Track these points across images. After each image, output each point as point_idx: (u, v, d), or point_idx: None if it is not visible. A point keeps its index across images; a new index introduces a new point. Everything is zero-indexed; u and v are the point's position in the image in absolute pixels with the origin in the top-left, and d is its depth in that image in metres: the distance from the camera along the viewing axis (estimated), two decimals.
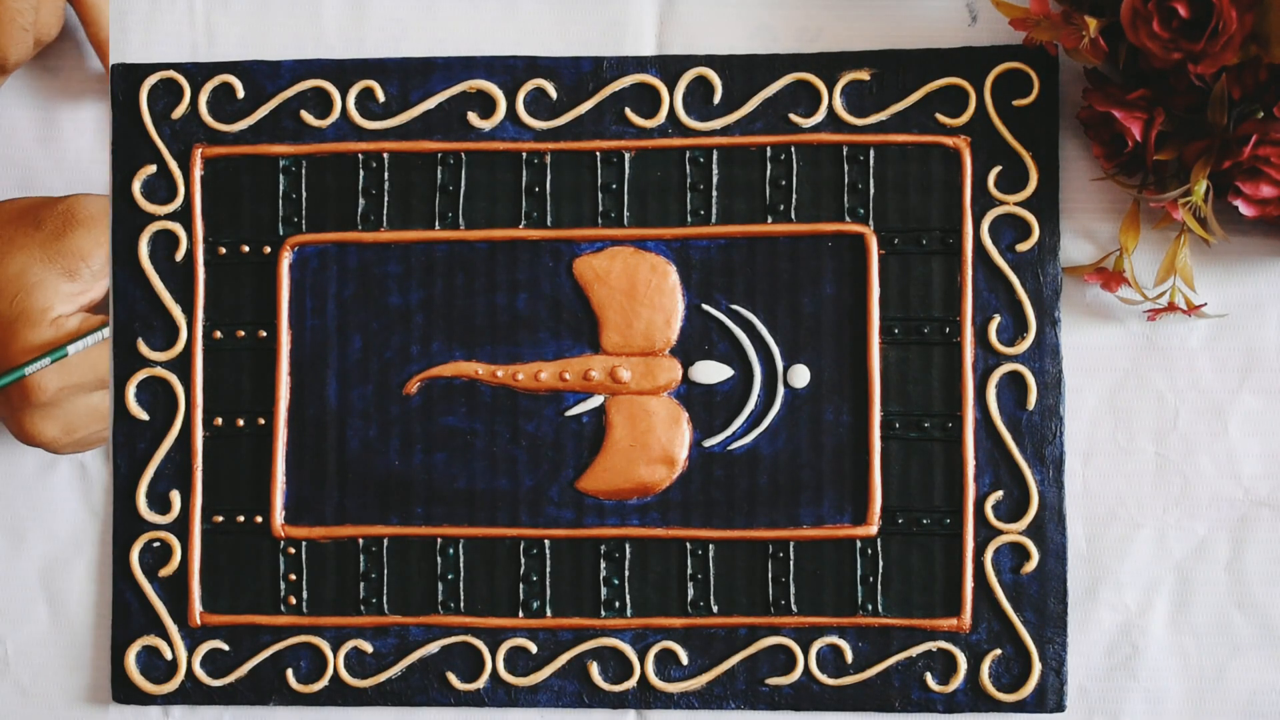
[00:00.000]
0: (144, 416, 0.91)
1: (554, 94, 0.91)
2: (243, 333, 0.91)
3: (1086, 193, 0.90)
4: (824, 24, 0.91)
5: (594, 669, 0.90)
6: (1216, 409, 0.90)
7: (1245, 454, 0.90)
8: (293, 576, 0.91)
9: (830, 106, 0.90)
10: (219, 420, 0.91)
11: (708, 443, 0.90)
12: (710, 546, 0.90)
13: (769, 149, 0.90)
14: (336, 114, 0.91)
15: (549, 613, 0.90)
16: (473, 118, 0.91)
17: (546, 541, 0.90)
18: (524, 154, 0.91)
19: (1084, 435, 0.90)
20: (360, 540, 0.91)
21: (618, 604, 0.90)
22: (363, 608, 0.90)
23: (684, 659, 0.90)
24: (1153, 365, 0.90)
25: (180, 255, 0.91)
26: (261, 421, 0.91)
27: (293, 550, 0.91)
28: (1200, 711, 0.89)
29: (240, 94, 0.92)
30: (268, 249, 0.91)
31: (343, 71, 0.91)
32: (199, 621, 0.91)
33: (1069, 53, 0.85)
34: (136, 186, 0.91)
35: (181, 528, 0.91)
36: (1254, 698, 0.89)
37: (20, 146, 0.93)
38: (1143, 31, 0.82)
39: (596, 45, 0.92)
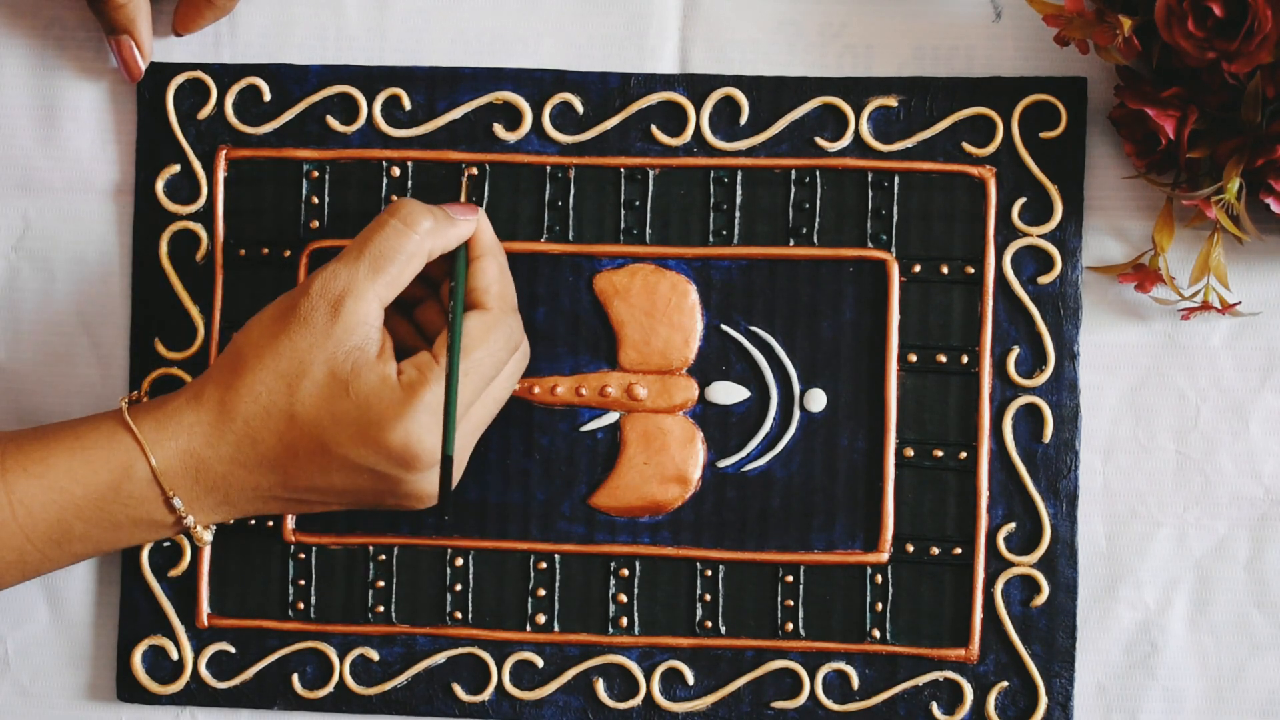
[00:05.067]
0: None
1: (580, 109, 0.91)
2: None
3: (1115, 191, 0.90)
4: (847, 19, 0.91)
5: (600, 686, 0.90)
6: (1238, 408, 0.90)
7: (1266, 453, 0.90)
8: (302, 582, 0.91)
9: (857, 131, 0.90)
10: None
11: (722, 463, 0.90)
12: (720, 567, 0.90)
13: (793, 172, 0.90)
14: (362, 120, 0.91)
15: (557, 627, 0.90)
16: (498, 129, 0.91)
17: (556, 556, 0.90)
18: (548, 167, 0.91)
19: (1105, 433, 0.90)
20: (370, 548, 0.91)
21: (625, 621, 0.90)
22: (370, 616, 0.90)
23: (690, 679, 0.90)
24: (1174, 364, 0.90)
25: (201, 256, 0.91)
26: None
27: (303, 556, 0.91)
28: (1219, 710, 0.89)
29: (267, 97, 0.92)
30: (288, 253, 0.91)
31: (369, 78, 0.91)
32: (206, 623, 0.91)
33: (1100, 51, 0.85)
34: (159, 186, 0.91)
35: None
36: (1273, 696, 0.89)
37: (20, 147, 0.93)
38: (1177, 30, 0.82)
39: (619, 32, 0.92)
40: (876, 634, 0.89)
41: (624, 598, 0.90)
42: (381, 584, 0.91)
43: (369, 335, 0.82)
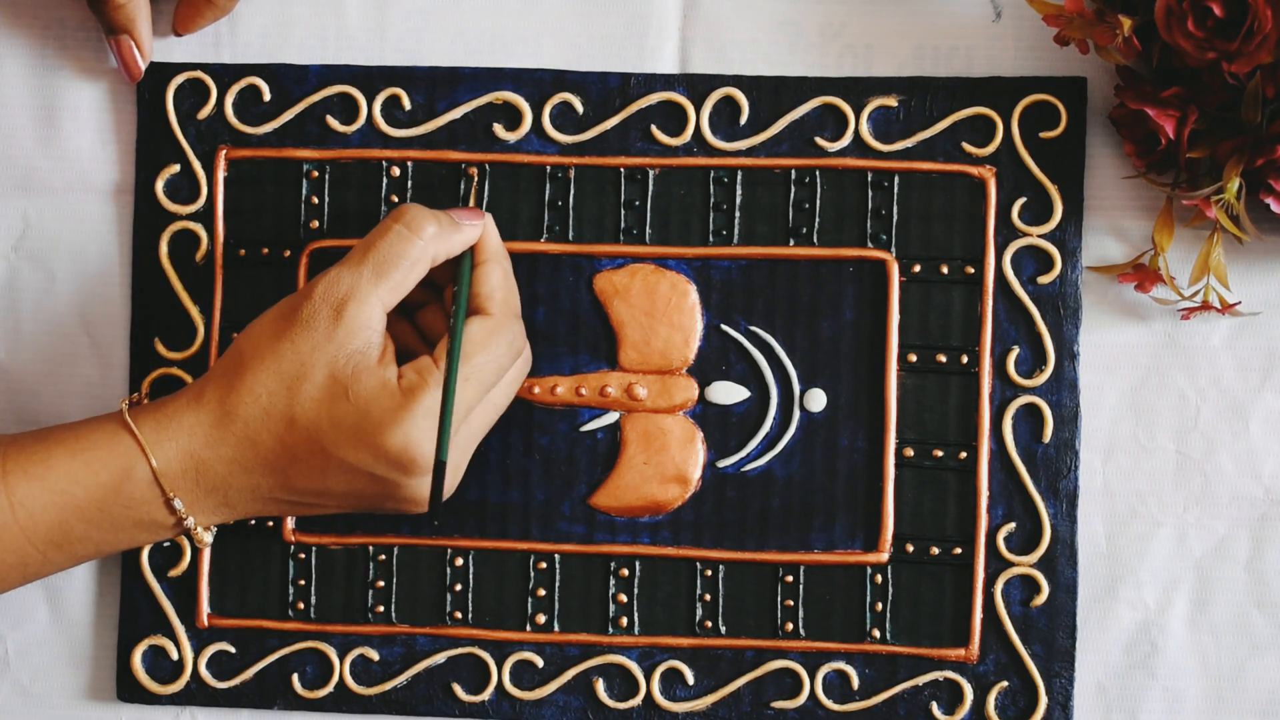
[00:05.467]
0: None
1: (580, 108, 0.91)
2: None
3: (1115, 191, 0.90)
4: (847, 19, 0.91)
5: (600, 686, 0.90)
6: (1238, 408, 0.90)
7: (1266, 453, 0.90)
8: (302, 582, 0.91)
9: (856, 131, 0.90)
10: None
11: (722, 463, 0.90)
12: (720, 567, 0.90)
13: (793, 171, 0.90)
14: (362, 120, 0.91)
15: (557, 627, 0.90)
16: (498, 129, 0.91)
17: (556, 556, 0.90)
18: (548, 167, 0.91)
19: (1105, 433, 0.90)
20: (370, 548, 0.91)
21: (625, 621, 0.90)
22: (370, 616, 0.90)
23: (690, 679, 0.90)
24: (1174, 364, 0.90)
25: (201, 256, 0.91)
26: None
27: (303, 555, 0.91)
28: (1219, 710, 0.89)
29: (266, 97, 0.92)
30: (288, 253, 0.91)
31: (369, 78, 0.91)
32: (206, 623, 0.91)
33: (1100, 51, 0.85)
34: (159, 186, 0.91)
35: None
36: (1273, 696, 0.89)
37: (20, 147, 0.93)
38: (1177, 30, 0.82)
39: (619, 32, 0.92)
40: (876, 634, 0.89)
41: (624, 598, 0.90)
42: (381, 584, 0.91)
43: (371, 339, 0.82)
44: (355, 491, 0.83)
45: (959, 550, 0.89)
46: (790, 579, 0.90)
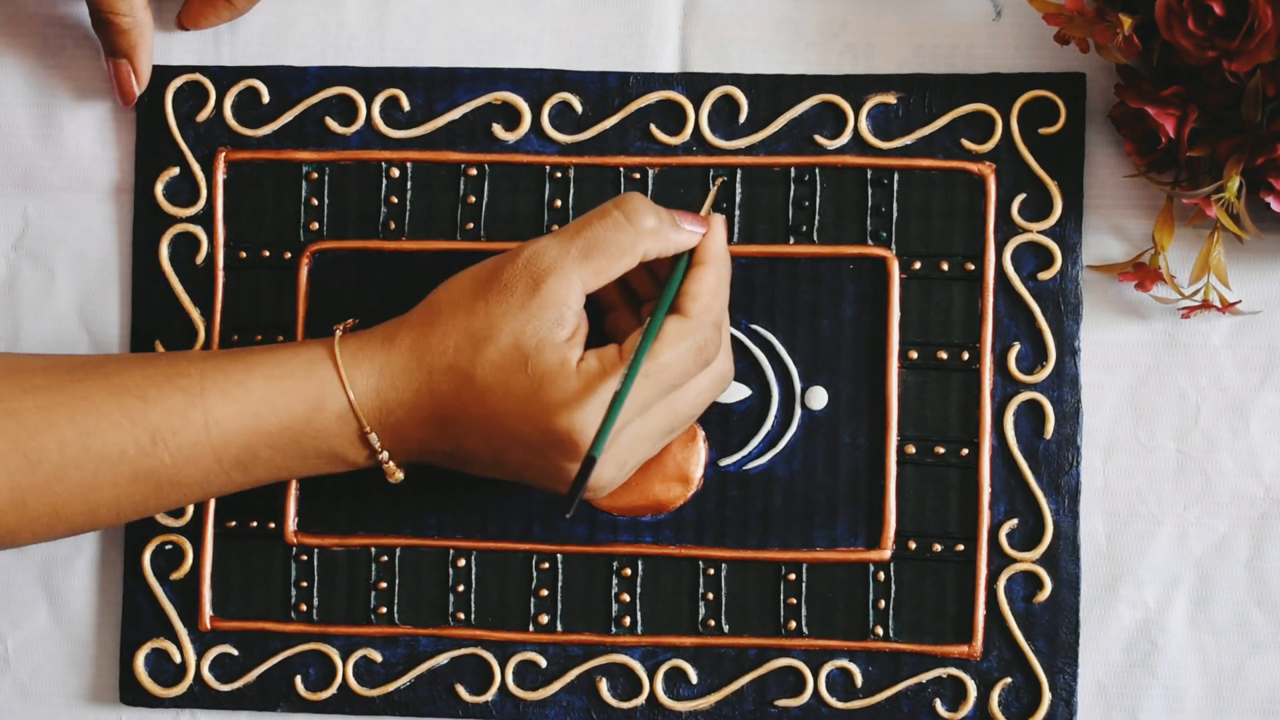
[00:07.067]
0: None
1: (579, 108, 0.91)
2: (261, 338, 0.91)
3: (1115, 190, 0.90)
4: (847, 19, 0.91)
5: (603, 685, 0.90)
6: (1238, 406, 0.90)
7: (1266, 452, 0.90)
8: (304, 584, 0.91)
9: (856, 129, 0.90)
10: None
11: (723, 462, 0.90)
12: (723, 566, 0.90)
13: (793, 170, 0.90)
14: (361, 122, 0.91)
15: (559, 627, 0.90)
16: (497, 129, 0.91)
17: (559, 556, 0.90)
18: (548, 167, 0.91)
19: (1105, 432, 0.90)
20: (372, 549, 0.91)
21: (628, 621, 0.90)
22: (373, 617, 0.90)
23: (693, 678, 0.90)
24: (1174, 362, 0.90)
25: (201, 259, 0.91)
26: None
27: (305, 557, 0.91)
28: (1219, 709, 0.89)
29: (265, 99, 0.92)
30: (288, 255, 0.91)
31: (368, 79, 0.91)
32: (209, 626, 0.90)
33: (1100, 50, 0.85)
34: (159, 188, 0.91)
35: (194, 531, 0.91)
36: (1273, 695, 0.89)
37: (20, 145, 0.93)
38: (1177, 29, 0.82)
39: (619, 32, 0.92)
40: (879, 631, 0.89)
41: (627, 597, 0.90)
42: (384, 585, 0.90)
43: (564, 316, 0.81)
44: (524, 463, 0.82)
45: (961, 547, 0.89)
46: (793, 577, 0.89)
